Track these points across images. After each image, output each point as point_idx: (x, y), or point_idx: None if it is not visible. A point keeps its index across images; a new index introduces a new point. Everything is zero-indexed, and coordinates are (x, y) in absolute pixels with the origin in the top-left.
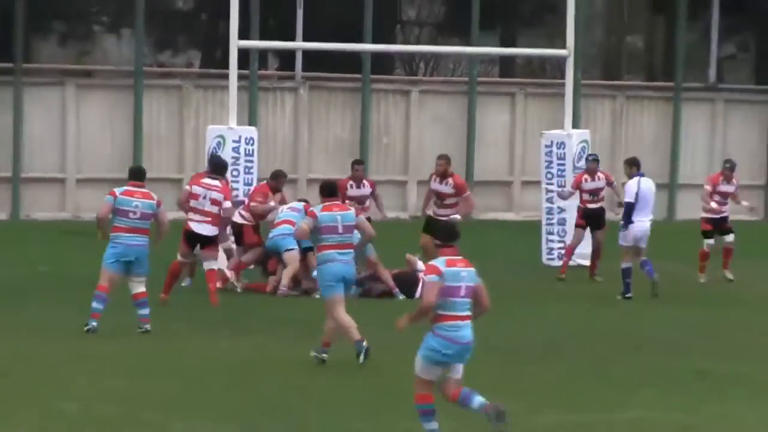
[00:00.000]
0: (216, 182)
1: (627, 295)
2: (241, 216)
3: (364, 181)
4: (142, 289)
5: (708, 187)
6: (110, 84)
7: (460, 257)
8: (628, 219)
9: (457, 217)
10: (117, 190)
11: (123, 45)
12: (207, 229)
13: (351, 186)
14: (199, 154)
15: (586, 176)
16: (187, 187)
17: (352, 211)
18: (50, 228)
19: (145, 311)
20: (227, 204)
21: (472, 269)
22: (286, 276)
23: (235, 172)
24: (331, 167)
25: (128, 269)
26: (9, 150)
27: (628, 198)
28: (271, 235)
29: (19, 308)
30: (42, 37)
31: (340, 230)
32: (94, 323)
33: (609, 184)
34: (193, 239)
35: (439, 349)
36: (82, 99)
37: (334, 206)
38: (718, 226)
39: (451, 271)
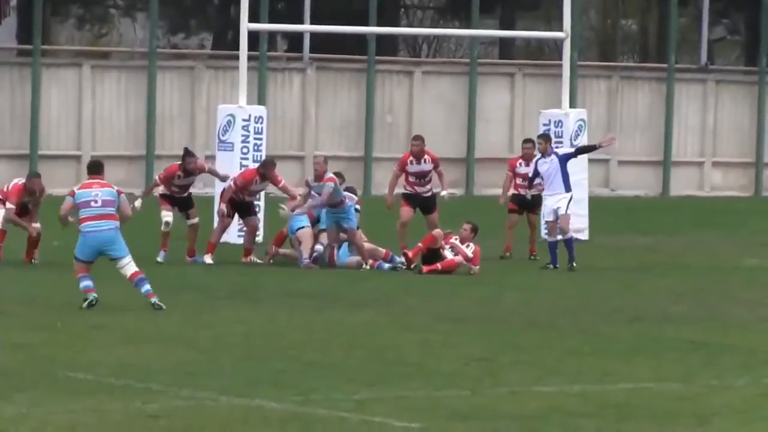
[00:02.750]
0: None
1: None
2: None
3: (426, 156)
4: (133, 269)
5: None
6: (125, 65)
7: None
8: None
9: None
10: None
11: (138, 27)
12: None
13: (411, 162)
14: (210, 132)
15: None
16: None
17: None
18: None
19: (147, 287)
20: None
21: None
22: (305, 250)
23: (244, 150)
24: (338, 145)
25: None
26: (27, 128)
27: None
28: None
29: (35, 282)
30: (60, 19)
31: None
32: (94, 295)
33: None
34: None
35: None
36: (98, 79)
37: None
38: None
39: None
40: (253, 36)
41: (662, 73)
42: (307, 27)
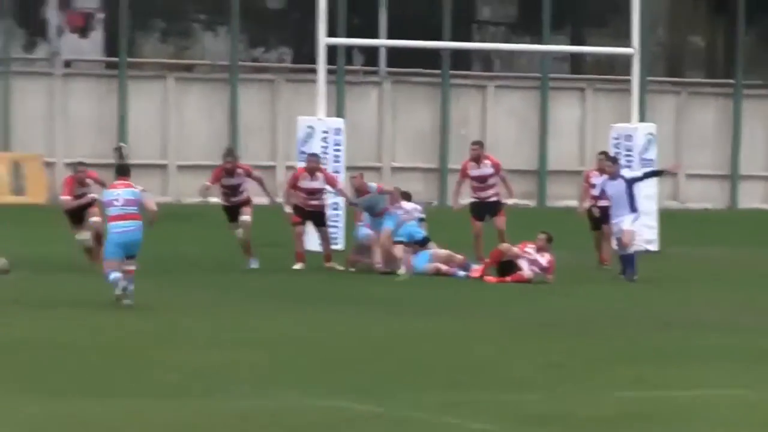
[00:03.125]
0: None
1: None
2: None
3: (486, 161)
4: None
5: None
6: (208, 78)
7: None
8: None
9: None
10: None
11: (220, 41)
12: None
13: (471, 166)
14: (290, 143)
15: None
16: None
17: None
18: None
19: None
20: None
21: None
22: (377, 254)
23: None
24: (413, 157)
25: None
26: (114, 138)
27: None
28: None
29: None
30: (145, 33)
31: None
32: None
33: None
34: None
35: None
36: (182, 91)
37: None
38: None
39: None
40: (331, 50)
41: (729, 89)
42: (383, 42)
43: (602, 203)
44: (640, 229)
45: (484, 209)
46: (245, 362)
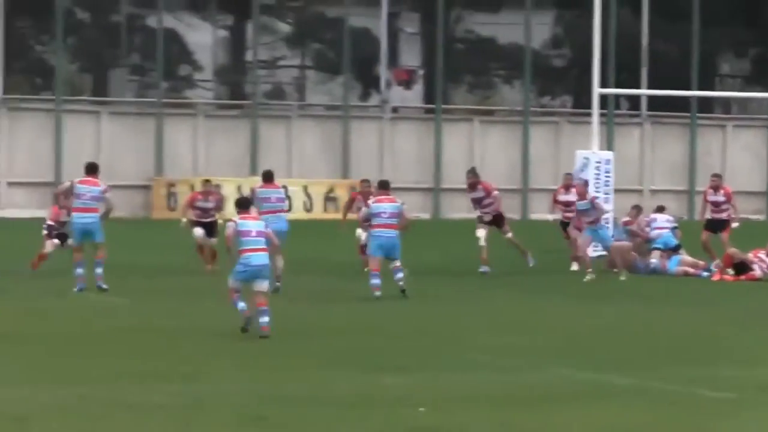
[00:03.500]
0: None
1: None
2: None
3: (721, 190)
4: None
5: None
6: (506, 120)
7: None
8: None
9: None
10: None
11: (515, 92)
12: None
13: (710, 193)
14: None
15: None
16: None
17: None
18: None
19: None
20: None
21: None
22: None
23: (597, 184)
24: (667, 181)
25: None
26: (431, 168)
27: None
28: None
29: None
30: (455, 86)
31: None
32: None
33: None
34: None
35: None
36: (485, 131)
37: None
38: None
39: None
40: (603, 98)
41: None
42: (644, 91)
43: None
44: None
45: (716, 225)
46: (539, 343)
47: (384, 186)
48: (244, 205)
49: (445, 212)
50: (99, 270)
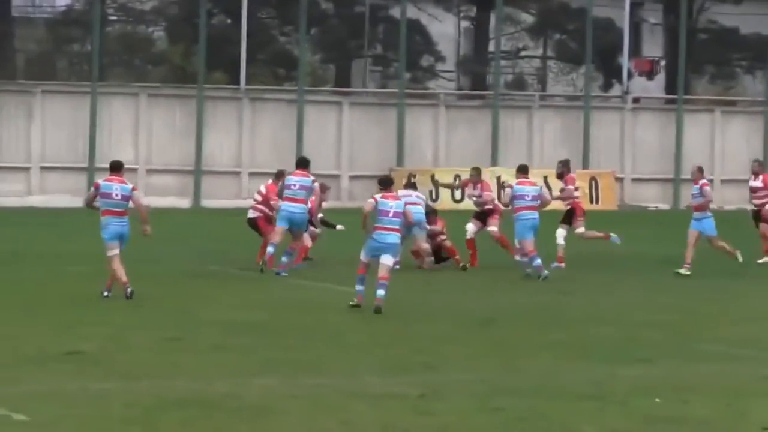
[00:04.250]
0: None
1: None
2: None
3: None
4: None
5: None
6: (747, 111)
7: None
8: None
9: None
10: None
11: (757, 82)
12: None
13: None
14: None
15: None
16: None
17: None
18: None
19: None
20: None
21: None
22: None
23: None
24: None
25: None
26: (671, 159)
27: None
28: None
29: None
30: (697, 76)
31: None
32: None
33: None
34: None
35: None
36: (726, 122)
37: None
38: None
39: None
40: None
41: None
42: None
43: None
44: None
45: None
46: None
47: (522, 170)
48: (386, 183)
49: (684, 203)
50: (285, 258)
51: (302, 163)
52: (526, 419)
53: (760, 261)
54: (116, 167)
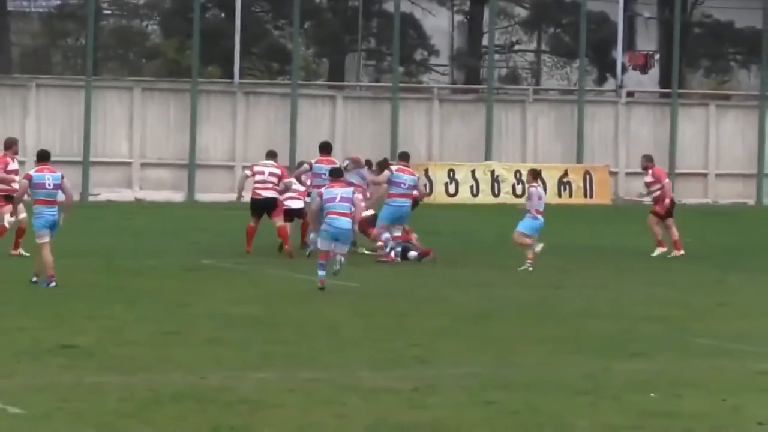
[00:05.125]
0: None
1: None
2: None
3: None
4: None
5: None
6: (741, 105)
7: None
8: None
9: None
10: None
11: (752, 76)
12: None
13: None
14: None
15: None
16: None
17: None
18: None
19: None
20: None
21: None
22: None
23: None
24: None
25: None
26: (665, 153)
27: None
28: None
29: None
30: (691, 70)
31: None
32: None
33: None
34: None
35: None
36: (721, 115)
37: None
38: None
39: None
40: None
41: None
42: None
43: None
44: None
45: None
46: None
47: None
48: (335, 173)
49: (679, 197)
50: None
51: (327, 149)
52: (519, 413)
53: (654, 254)
54: (45, 157)
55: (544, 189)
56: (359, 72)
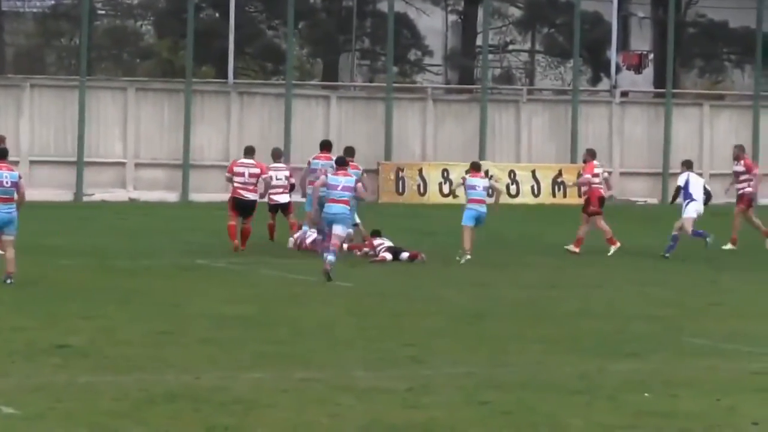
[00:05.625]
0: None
1: None
2: None
3: None
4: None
5: None
6: (735, 105)
7: None
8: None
9: None
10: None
11: (746, 76)
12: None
13: None
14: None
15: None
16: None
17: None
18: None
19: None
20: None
21: None
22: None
23: None
24: None
25: None
26: (659, 152)
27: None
28: None
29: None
30: (686, 70)
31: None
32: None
33: None
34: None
35: None
36: (715, 115)
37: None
38: None
39: None
40: None
41: None
42: None
43: None
44: None
45: None
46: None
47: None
48: (340, 162)
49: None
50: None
51: (328, 146)
52: (513, 413)
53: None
54: (2, 155)
55: (539, 189)
56: (353, 72)
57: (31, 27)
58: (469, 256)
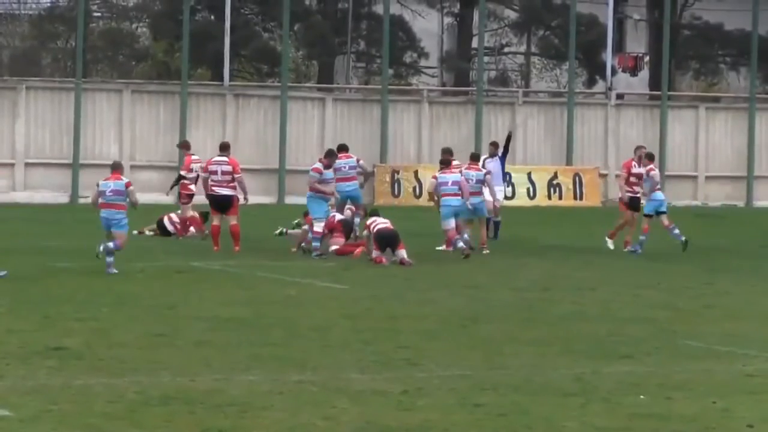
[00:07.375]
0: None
1: None
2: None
3: None
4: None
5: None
6: (731, 107)
7: None
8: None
9: None
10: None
11: (741, 78)
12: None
13: None
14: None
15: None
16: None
17: None
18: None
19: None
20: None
21: None
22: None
23: None
24: None
25: None
26: (656, 154)
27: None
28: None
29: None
30: (682, 72)
31: None
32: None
33: None
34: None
35: None
36: (711, 118)
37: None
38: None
39: None
40: None
41: None
42: None
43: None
44: None
45: None
46: (759, 332)
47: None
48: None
49: (669, 199)
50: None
51: (345, 149)
52: (507, 415)
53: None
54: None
55: (534, 191)
56: (349, 74)
57: (27, 29)
58: (487, 251)
